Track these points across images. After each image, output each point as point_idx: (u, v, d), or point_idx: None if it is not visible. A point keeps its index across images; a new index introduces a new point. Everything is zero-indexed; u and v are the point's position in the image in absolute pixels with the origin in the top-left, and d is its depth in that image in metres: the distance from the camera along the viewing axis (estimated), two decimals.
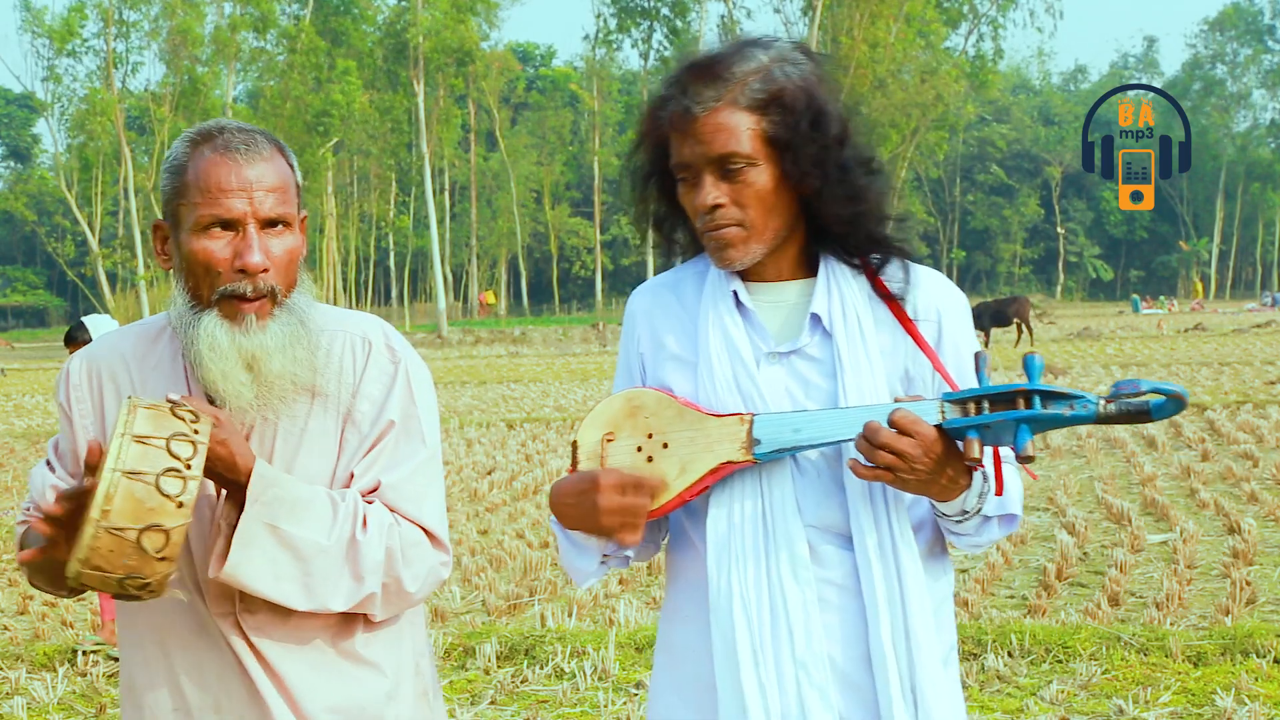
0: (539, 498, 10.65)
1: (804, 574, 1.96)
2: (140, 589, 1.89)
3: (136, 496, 1.83)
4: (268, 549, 1.99)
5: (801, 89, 1.96)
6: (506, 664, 5.68)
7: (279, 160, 2.06)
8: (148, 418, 1.88)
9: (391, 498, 2.10)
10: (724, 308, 2.05)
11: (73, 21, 55.09)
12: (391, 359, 2.16)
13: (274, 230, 2.04)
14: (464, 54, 54.32)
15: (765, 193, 1.97)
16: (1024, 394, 1.78)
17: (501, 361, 33.57)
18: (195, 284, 2.04)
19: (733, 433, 1.96)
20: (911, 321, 2.01)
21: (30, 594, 7.72)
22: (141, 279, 51.79)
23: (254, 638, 2.09)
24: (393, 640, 2.20)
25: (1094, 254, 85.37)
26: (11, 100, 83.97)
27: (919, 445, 1.81)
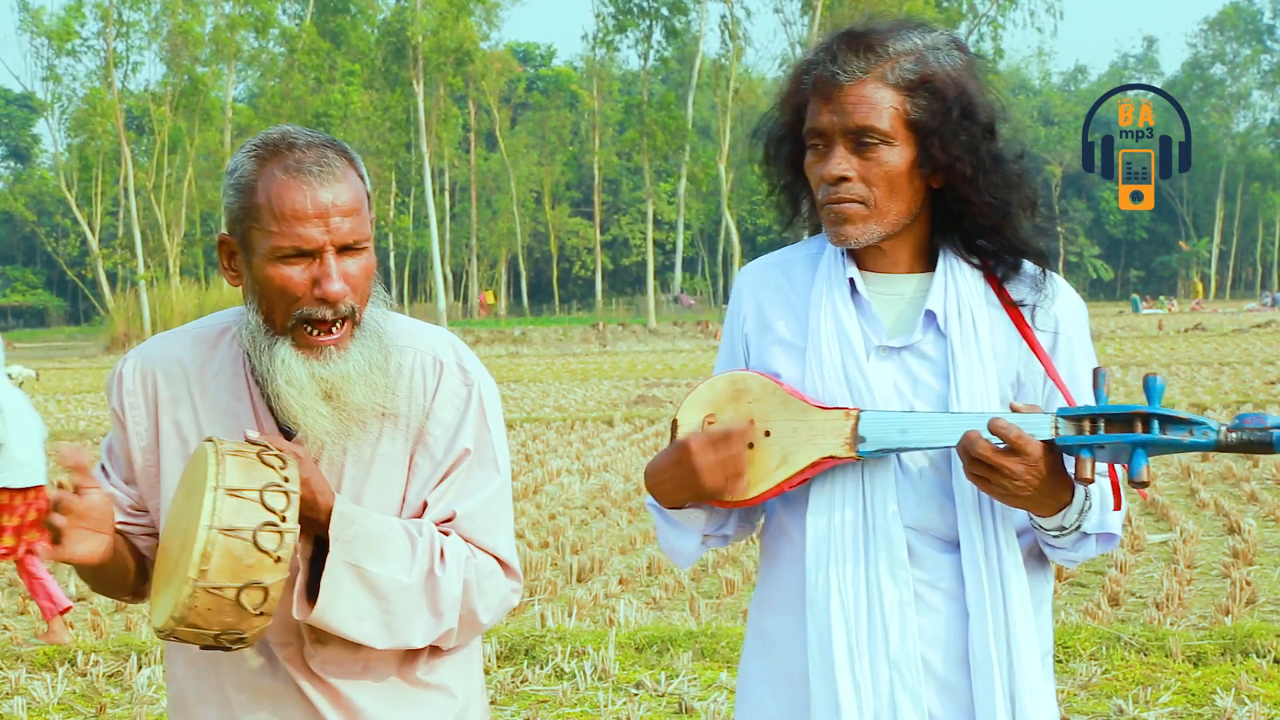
0: (539, 498, 10.65)
1: (902, 575, 1.94)
2: (234, 643, 1.85)
3: (234, 554, 1.77)
4: (350, 590, 1.93)
5: (953, 78, 1.93)
6: (506, 664, 5.68)
7: (351, 176, 1.97)
8: (238, 467, 1.81)
9: (467, 528, 2.05)
10: (839, 295, 2.01)
11: (70, 21, 55.06)
12: (464, 381, 2.09)
13: (351, 251, 1.95)
14: (463, 54, 54.31)
15: (895, 174, 1.93)
16: (1143, 416, 1.74)
17: (501, 361, 33.57)
18: (269, 308, 1.95)
19: (837, 427, 1.92)
20: (1029, 327, 1.97)
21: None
22: (141, 279, 51.75)
23: (321, 673, 2.03)
24: (463, 662, 2.16)
25: (1094, 254, 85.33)
26: (11, 100, 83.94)
27: (1023, 462, 1.78)
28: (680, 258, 64.47)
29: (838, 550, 1.96)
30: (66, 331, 68.74)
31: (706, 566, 7.69)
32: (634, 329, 47.75)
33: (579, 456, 13.10)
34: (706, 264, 75.72)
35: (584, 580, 7.62)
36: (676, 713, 5.08)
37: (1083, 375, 1.99)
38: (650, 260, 58.45)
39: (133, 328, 49.10)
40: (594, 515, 9.76)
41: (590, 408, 18.45)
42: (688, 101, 56.88)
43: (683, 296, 64.29)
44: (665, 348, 37.88)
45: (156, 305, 50.33)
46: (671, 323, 50.81)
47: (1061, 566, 7.14)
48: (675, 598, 7.10)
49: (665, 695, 5.23)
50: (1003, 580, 1.92)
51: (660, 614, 6.64)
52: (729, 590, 7.09)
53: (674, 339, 43.38)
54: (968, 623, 1.94)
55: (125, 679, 5.65)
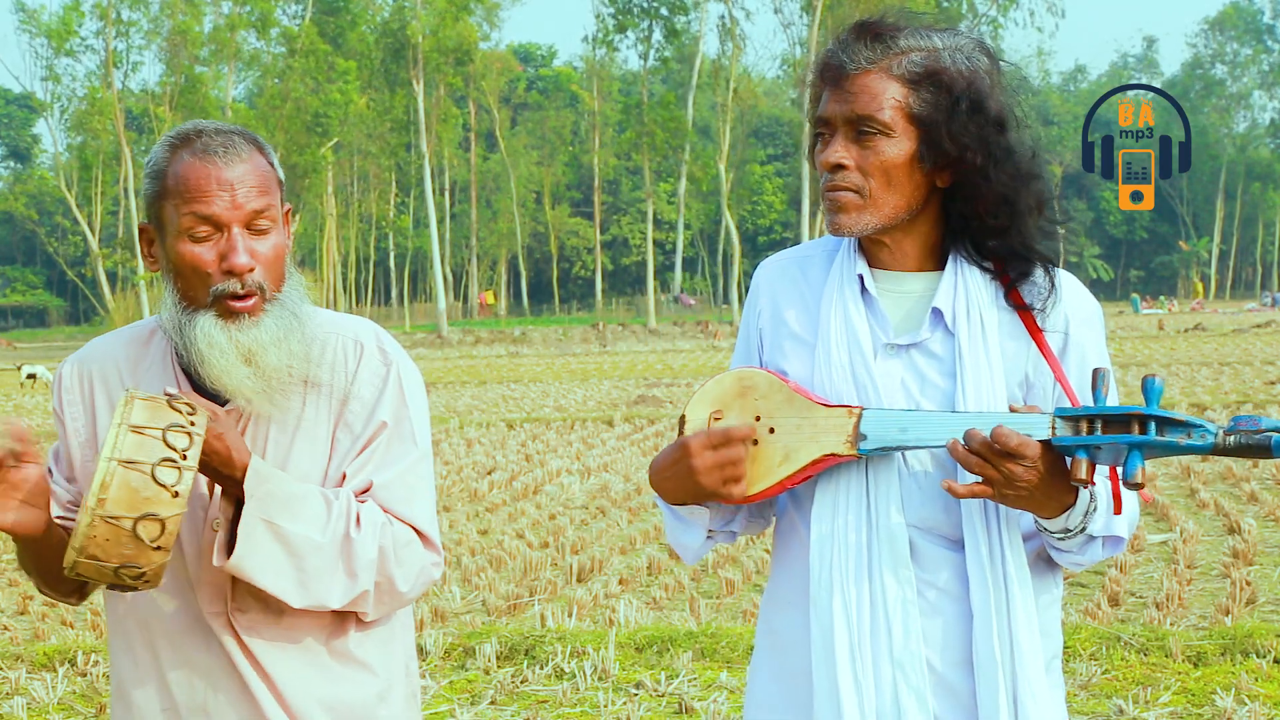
0: (539, 498, 10.65)
1: (904, 573, 1.94)
2: (136, 579, 1.91)
3: (132, 485, 1.85)
4: (265, 544, 2.00)
5: (964, 76, 1.92)
6: (506, 664, 5.68)
7: (258, 158, 2.08)
8: (144, 409, 1.89)
9: (384, 497, 2.12)
10: (848, 292, 2.02)
11: (69, 21, 55.05)
12: (383, 361, 2.18)
13: (258, 229, 2.06)
14: (463, 54, 54.33)
15: (892, 166, 1.93)
16: (1140, 418, 1.73)
17: (501, 361, 33.57)
18: (185, 286, 2.06)
19: (839, 425, 1.93)
20: (1039, 329, 1.97)
21: (30, 594, 7.72)
22: (141, 279, 51.75)
23: (246, 636, 2.10)
24: (385, 641, 2.21)
25: (1094, 254, 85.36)
26: (11, 100, 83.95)
27: (1021, 463, 1.78)
28: (680, 258, 64.51)
29: (841, 549, 1.96)
30: (67, 331, 68.74)
31: (707, 566, 7.69)
32: (634, 329, 47.77)
33: (579, 456, 13.10)
34: (706, 264, 75.73)
35: (584, 580, 7.62)
36: (676, 713, 5.08)
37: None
38: (650, 260, 58.45)
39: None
40: (594, 515, 9.76)
41: (590, 408, 18.45)
42: (688, 101, 56.88)
43: (683, 296, 64.34)
44: (665, 348, 37.89)
45: (156, 305, 49.75)
46: (671, 323, 50.84)
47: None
48: (675, 598, 7.10)
49: (665, 695, 5.23)
50: (1006, 582, 1.92)
51: (660, 614, 6.64)
52: (729, 590, 7.09)
53: (674, 339, 43.39)
54: (970, 623, 1.94)
55: None
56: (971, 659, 1.94)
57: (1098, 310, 2.04)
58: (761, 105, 68.37)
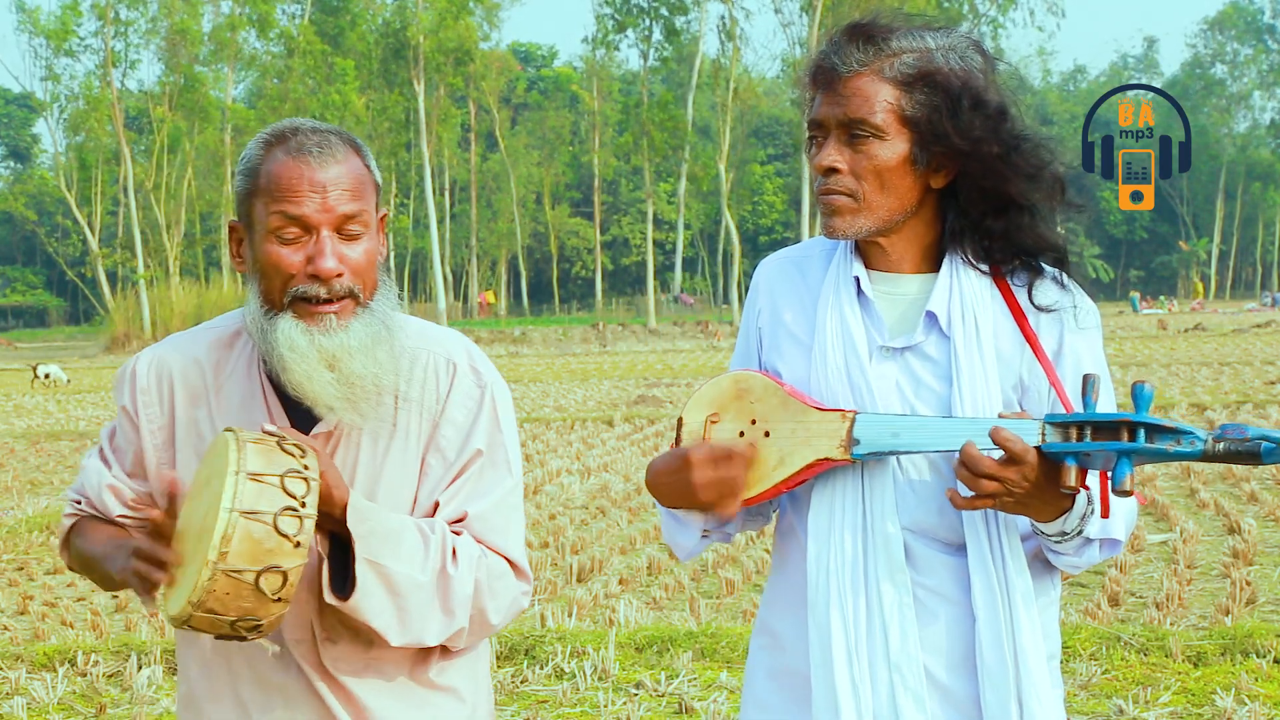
0: (539, 498, 10.65)
1: (900, 577, 1.94)
2: (250, 630, 1.84)
3: (255, 537, 1.77)
4: (371, 585, 1.94)
5: (958, 75, 1.91)
6: (506, 664, 5.68)
7: (354, 160, 2.01)
8: (258, 453, 1.82)
9: (478, 529, 2.06)
10: (845, 293, 2.01)
11: (67, 20, 55.01)
12: (477, 383, 2.11)
13: (349, 233, 1.98)
14: (463, 54, 54.31)
15: (885, 169, 1.92)
16: (1129, 425, 1.73)
17: (501, 361, 33.57)
18: (268, 287, 1.99)
19: (833, 429, 1.92)
20: (1033, 333, 1.96)
21: (30, 594, 7.72)
22: (141, 278, 51.77)
23: (332, 668, 2.04)
24: (470, 665, 2.17)
25: (1094, 254, 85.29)
26: (11, 100, 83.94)
27: (1020, 470, 1.78)
28: (680, 258, 64.49)
29: (837, 553, 1.96)
30: (66, 331, 68.76)
31: (706, 566, 7.69)
32: (634, 329, 47.76)
33: (579, 456, 13.10)
34: (706, 264, 75.71)
35: (584, 580, 7.62)
36: (676, 713, 5.08)
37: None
38: (650, 260, 58.45)
39: (133, 327, 49.11)
40: (594, 515, 9.76)
41: (590, 408, 18.45)
42: (687, 101, 56.87)
43: (683, 296, 64.32)
44: (665, 348, 37.89)
45: (156, 305, 50.34)
46: (671, 323, 50.83)
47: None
48: (675, 598, 7.10)
49: (665, 695, 5.23)
50: (1007, 584, 1.92)
51: (660, 614, 6.64)
52: (729, 590, 7.09)
53: (674, 339, 43.39)
54: (967, 627, 1.94)
55: (125, 679, 5.65)
56: (967, 662, 1.94)
57: (1094, 312, 2.02)
58: (761, 105, 68.33)
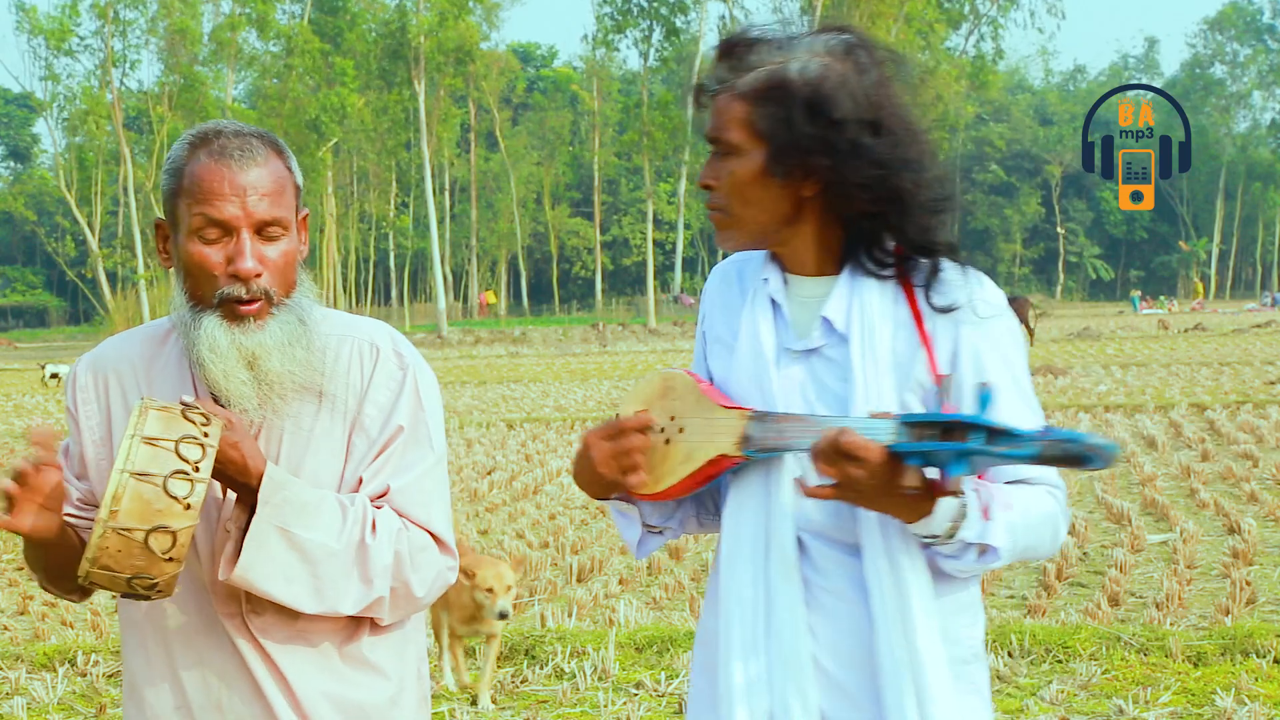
0: (539, 498, 10.65)
1: (792, 576, 1.97)
2: (148, 589, 1.92)
3: (144, 498, 1.85)
4: (278, 552, 2.00)
5: (808, 83, 1.91)
6: (506, 664, 5.68)
7: (275, 163, 2.07)
8: (158, 419, 1.90)
9: (400, 503, 2.12)
10: (759, 298, 2.05)
11: (65, 21, 54.99)
12: (399, 365, 2.18)
13: (269, 234, 2.05)
14: (464, 54, 54.30)
15: (742, 183, 1.96)
16: (970, 427, 1.71)
17: (501, 361, 33.57)
18: (193, 286, 2.06)
19: (732, 427, 1.97)
20: (928, 335, 1.96)
21: (31, 594, 7.72)
22: (141, 278, 51.80)
23: (260, 638, 2.10)
24: (398, 645, 2.22)
25: (1094, 254, 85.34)
26: (10, 100, 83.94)
27: (862, 467, 1.77)
28: (680, 258, 64.45)
29: (740, 552, 2.01)
30: (66, 331, 68.74)
31: (706, 566, 7.69)
32: (634, 329, 47.76)
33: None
34: (706, 264, 75.71)
35: (584, 580, 7.62)
36: (676, 713, 5.08)
37: (995, 379, 1.94)
38: (650, 260, 58.45)
39: (133, 327, 49.09)
40: (594, 515, 9.75)
41: (590, 408, 18.44)
42: (687, 101, 56.78)
43: (683, 296, 64.27)
44: (665, 348, 37.88)
45: (156, 305, 50.37)
46: (671, 323, 50.80)
47: (1060, 569, 7.16)
48: (675, 598, 7.10)
49: (665, 695, 5.23)
50: (902, 587, 1.92)
51: (660, 614, 6.64)
52: None
53: (674, 339, 43.37)
54: (865, 626, 1.95)
55: None
56: (867, 661, 1.96)
57: (994, 302, 1.99)
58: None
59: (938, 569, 1.96)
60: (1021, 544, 1.93)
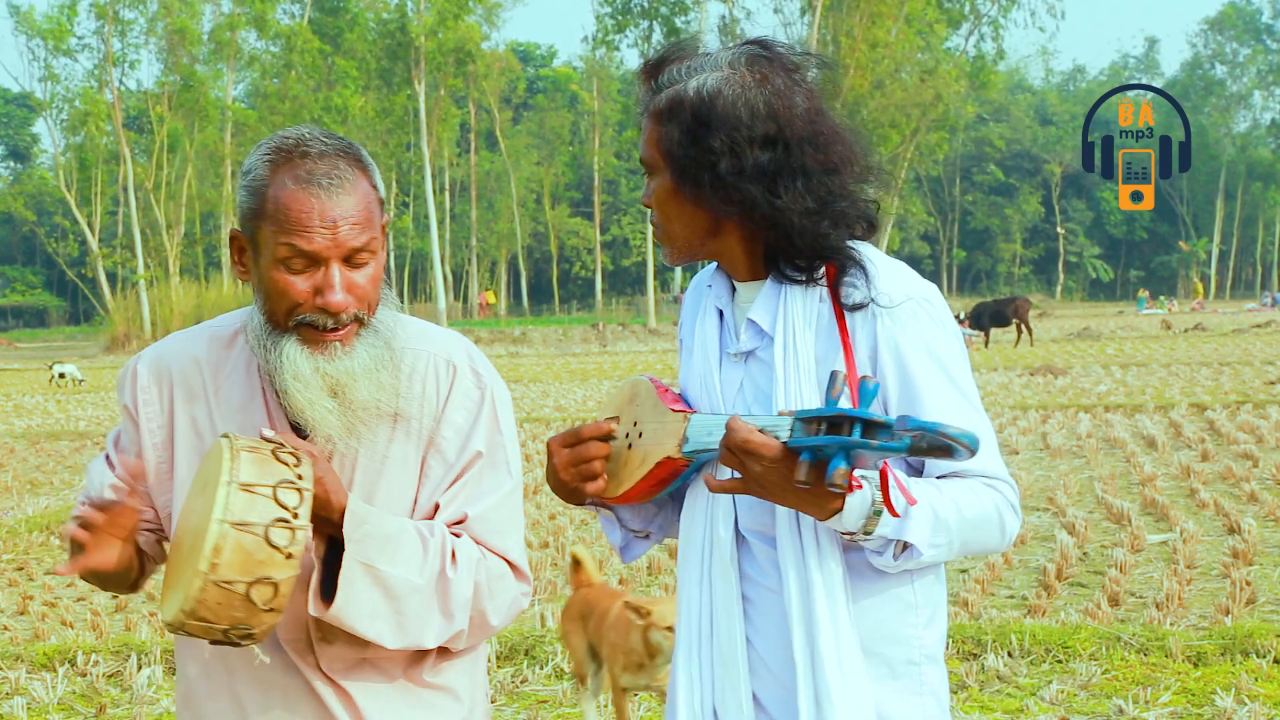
0: (539, 498, 10.65)
1: (729, 576, 2.02)
2: (243, 638, 1.85)
3: (245, 549, 1.78)
4: (364, 589, 1.94)
5: (701, 101, 1.93)
6: (506, 664, 5.68)
7: (363, 184, 1.98)
8: (252, 463, 1.82)
9: (478, 530, 2.07)
10: (708, 304, 2.14)
11: (64, 22, 54.94)
12: (477, 384, 2.12)
13: (358, 260, 1.97)
14: (464, 54, 54.29)
15: (662, 199, 2.02)
16: (849, 420, 1.71)
17: (501, 361, 33.57)
18: (273, 309, 1.98)
19: (676, 430, 2.01)
20: (848, 334, 1.96)
21: (30, 594, 7.72)
22: (141, 278, 51.75)
23: (326, 664, 2.05)
24: (469, 666, 2.18)
25: (1094, 254, 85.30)
26: (10, 100, 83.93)
27: (759, 462, 1.79)
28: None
29: (689, 555, 2.08)
30: (66, 331, 68.77)
31: None
32: (634, 329, 47.76)
33: None
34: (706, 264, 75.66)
35: None
36: None
37: (919, 371, 1.95)
38: (650, 260, 58.42)
39: (133, 327, 49.11)
40: (594, 515, 9.74)
41: (590, 408, 18.44)
42: None
43: (683, 296, 64.28)
44: (665, 348, 37.88)
45: (156, 305, 50.35)
46: (671, 323, 50.78)
47: (1060, 569, 7.16)
48: (675, 598, 7.09)
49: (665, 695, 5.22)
50: (806, 579, 1.94)
51: None
52: None
53: (674, 339, 43.22)
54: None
55: (125, 679, 5.65)
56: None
57: (917, 299, 1.98)
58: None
59: (869, 566, 1.96)
60: (956, 539, 1.91)
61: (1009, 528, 1.97)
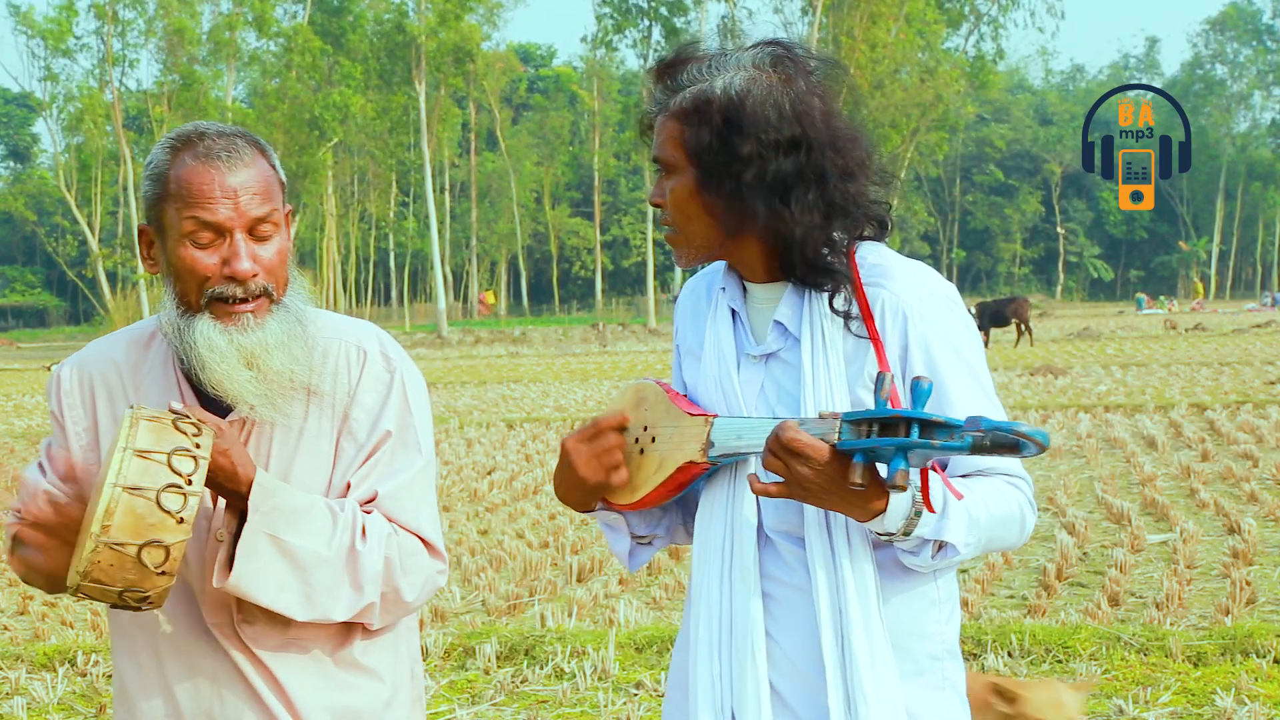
0: (539, 498, 10.65)
1: (750, 577, 2.01)
2: (139, 602, 1.91)
3: (137, 512, 1.84)
4: (269, 559, 1.99)
5: (730, 102, 1.94)
6: (506, 664, 5.68)
7: (260, 162, 2.06)
8: (150, 430, 1.88)
9: (389, 507, 2.11)
10: (720, 307, 2.11)
11: (63, 22, 54.93)
12: (387, 367, 2.17)
13: (261, 232, 2.04)
14: (465, 53, 54.29)
15: (682, 200, 2.00)
16: (905, 420, 1.72)
17: (501, 361, 33.57)
18: (184, 290, 2.05)
19: (698, 433, 2.01)
20: (878, 332, 1.97)
21: (30, 594, 7.72)
22: (141, 278, 51.74)
23: (252, 646, 2.10)
24: (390, 647, 2.22)
25: (1094, 254, 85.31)
26: (10, 100, 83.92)
27: (809, 465, 1.78)
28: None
29: (710, 553, 2.06)
30: (66, 331, 68.71)
31: None
32: (634, 329, 47.76)
33: None
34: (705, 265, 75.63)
35: (584, 580, 7.62)
36: None
37: (947, 370, 1.97)
38: (650, 260, 58.44)
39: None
40: (592, 519, 9.75)
41: (590, 408, 18.43)
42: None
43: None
44: (665, 348, 37.87)
45: (156, 305, 49.74)
46: (671, 322, 50.80)
47: (1060, 569, 7.16)
48: (675, 598, 7.10)
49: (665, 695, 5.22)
50: (840, 581, 1.95)
51: (660, 614, 6.64)
52: None
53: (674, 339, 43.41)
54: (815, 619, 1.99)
55: None
56: (819, 654, 1.99)
57: (944, 299, 2.01)
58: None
59: (898, 564, 1.97)
60: (984, 537, 1.93)
61: (1028, 525, 2.01)
